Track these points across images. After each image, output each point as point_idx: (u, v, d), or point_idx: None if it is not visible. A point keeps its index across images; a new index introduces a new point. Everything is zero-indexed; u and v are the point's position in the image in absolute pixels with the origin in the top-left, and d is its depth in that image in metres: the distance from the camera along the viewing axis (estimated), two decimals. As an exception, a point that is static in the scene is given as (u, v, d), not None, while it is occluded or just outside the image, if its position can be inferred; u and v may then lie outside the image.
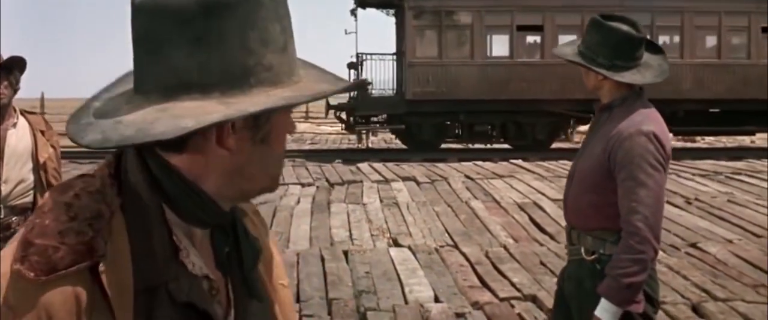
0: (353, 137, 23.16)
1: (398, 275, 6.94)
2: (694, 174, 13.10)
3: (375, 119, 20.35)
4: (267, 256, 1.32)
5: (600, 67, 3.01)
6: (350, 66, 20.74)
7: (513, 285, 6.58)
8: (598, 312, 2.85)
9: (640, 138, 2.89)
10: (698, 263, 7.33)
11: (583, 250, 3.06)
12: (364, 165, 15.06)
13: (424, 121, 19.34)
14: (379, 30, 20.42)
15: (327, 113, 22.33)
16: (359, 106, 20.01)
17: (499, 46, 19.93)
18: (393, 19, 21.63)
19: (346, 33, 20.80)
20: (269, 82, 1.12)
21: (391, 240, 8.49)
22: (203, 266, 1.15)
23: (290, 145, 23.68)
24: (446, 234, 8.70)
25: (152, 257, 1.08)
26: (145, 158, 1.12)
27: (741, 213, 9.63)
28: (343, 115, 20.71)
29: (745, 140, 22.35)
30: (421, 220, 9.45)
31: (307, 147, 22.62)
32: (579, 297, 3.08)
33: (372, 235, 8.70)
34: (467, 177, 13.09)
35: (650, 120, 2.98)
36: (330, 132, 30.87)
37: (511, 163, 15.17)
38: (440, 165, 15.04)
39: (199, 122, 1.03)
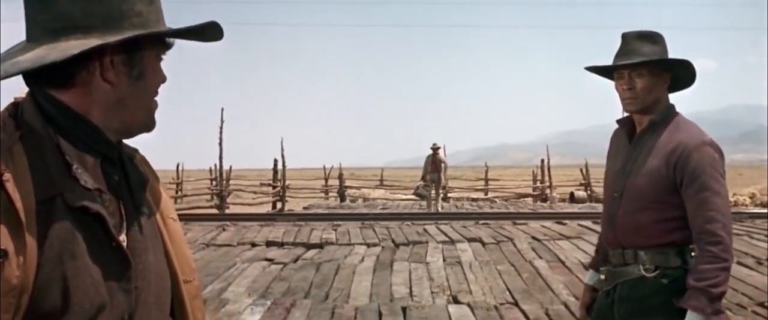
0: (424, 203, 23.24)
1: (454, 330, 6.92)
2: (768, 236, 12.71)
3: None
4: (156, 195, 1.57)
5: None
6: None
7: (569, 340, 6.49)
8: None
9: (707, 149, 2.94)
10: (765, 321, 7.11)
11: (642, 268, 3.03)
12: (431, 227, 15.07)
13: None
14: None
15: None
16: None
17: None
18: None
19: None
20: (140, 26, 1.38)
21: (450, 298, 8.47)
22: (94, 182, 1.37)
23: (361, 209, 23.86)
24: (507, 292, 8.63)
25: (47, 173, 1.31)
26: (37, 101, 1.36)
27: (816, 274, 9.29)
28: None
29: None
30: (482, 278, 9.41)
31: (377, 211, 22.72)
32: (639, 316, 3.04)
33: (432, 292, 8.70)
34: (534, 238, 12.99)
35: (704, 131, 3.02)
36: (403, 198, 31.00)
37: (580, 225, 14.96)
38: (508, 227, 14.96)
39: (81, 47, 1.28)
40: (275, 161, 29.94)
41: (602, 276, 3.26)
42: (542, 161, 32.58)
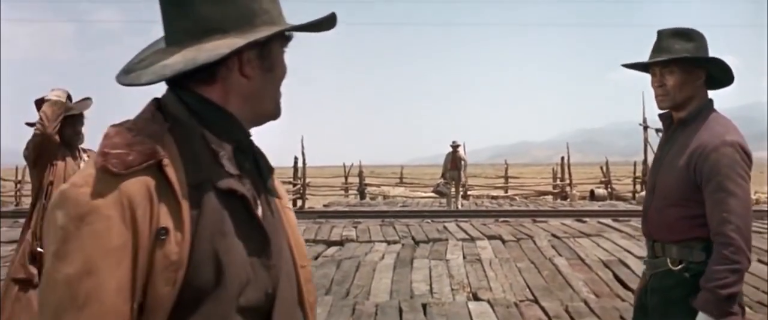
0: (444, 200, 23.26)
1: (474, 327, 6.95)
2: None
3: None
4: (277, 184, 1.68)
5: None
6: None
7: (589, 337, 6.51)
8: None
9: (727, 149, 2.91)
10: (786, 319, 7.09)
11: (668, 261, 3.07)
12: (451, 225, 15.12)
13: None
14: None
15: None
16: None
17: None
18: None
19: None
20: (269, 22, 1.49)
21: (470, 295, 8.51)
22: (235, 169, 1.48)
23: (381, 207, 23.91)
24: (527, 289, 8.66)
25: (197, 161, 1.44)
26: (179, 96, 1.47)
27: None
28: None
29: None
30: (502, 276, 9.44)
31: (397, 208, 22.77)
32: (665, 307, 3.07)
33: (452, 289, 8.74)
34: (553, 235, 13.00)
35: (731, 130, 2.99)
36: (423, 196, 31.02)
37: (600, 223, 14.95)
38: (528, 224, 14.97)
39: (231, 46, 1.40)
40: (295, 159, 30.02)
41: (644, 267, 3.32)
42: (562, 159, 32.43)
